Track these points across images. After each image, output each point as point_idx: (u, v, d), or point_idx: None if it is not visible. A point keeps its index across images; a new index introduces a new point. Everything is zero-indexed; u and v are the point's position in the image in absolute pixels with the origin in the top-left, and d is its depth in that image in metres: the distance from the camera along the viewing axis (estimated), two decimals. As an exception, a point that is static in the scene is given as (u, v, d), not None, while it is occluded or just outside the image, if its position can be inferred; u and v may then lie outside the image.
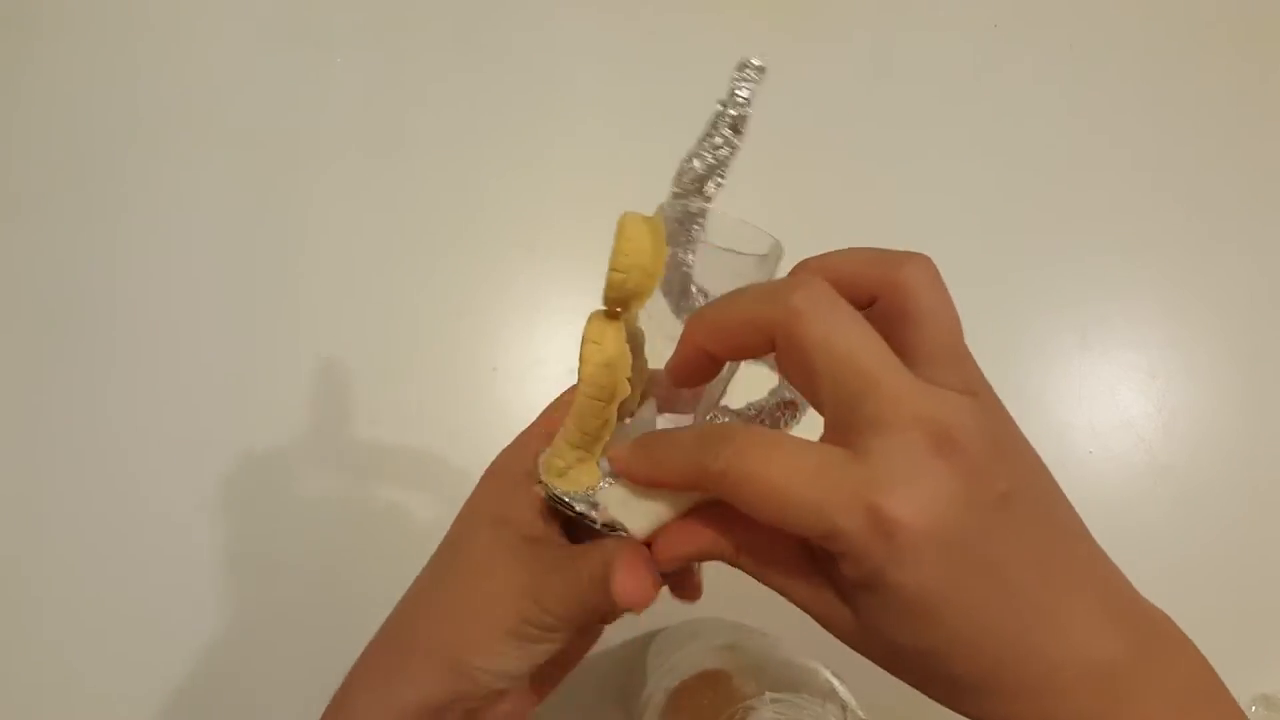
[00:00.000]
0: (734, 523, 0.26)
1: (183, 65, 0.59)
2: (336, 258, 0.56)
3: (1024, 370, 0.54)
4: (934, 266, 0.25)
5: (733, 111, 0.29)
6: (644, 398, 0.29)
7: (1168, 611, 0.27)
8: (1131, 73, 0.60)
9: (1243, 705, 0.49)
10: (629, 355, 0.27)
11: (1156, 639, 0.25)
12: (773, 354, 0.25)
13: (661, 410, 0.30)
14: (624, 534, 0.28)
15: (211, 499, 0.52)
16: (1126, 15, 0.60)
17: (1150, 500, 0.52)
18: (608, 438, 0.27)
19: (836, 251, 0.26)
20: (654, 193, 0.34)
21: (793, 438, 0.23)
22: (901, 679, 0.25)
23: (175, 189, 0.57)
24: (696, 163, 0.28)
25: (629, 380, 0.27)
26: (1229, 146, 0.58)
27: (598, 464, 0.28)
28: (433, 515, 0.51)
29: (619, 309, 0.27)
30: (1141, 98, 0.59)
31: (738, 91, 0.28)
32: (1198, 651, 0.25)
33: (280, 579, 0.51)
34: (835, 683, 0.39)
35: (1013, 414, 0.26)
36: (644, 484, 0.27)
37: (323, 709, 0.33)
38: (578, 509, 0.28)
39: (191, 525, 0.51)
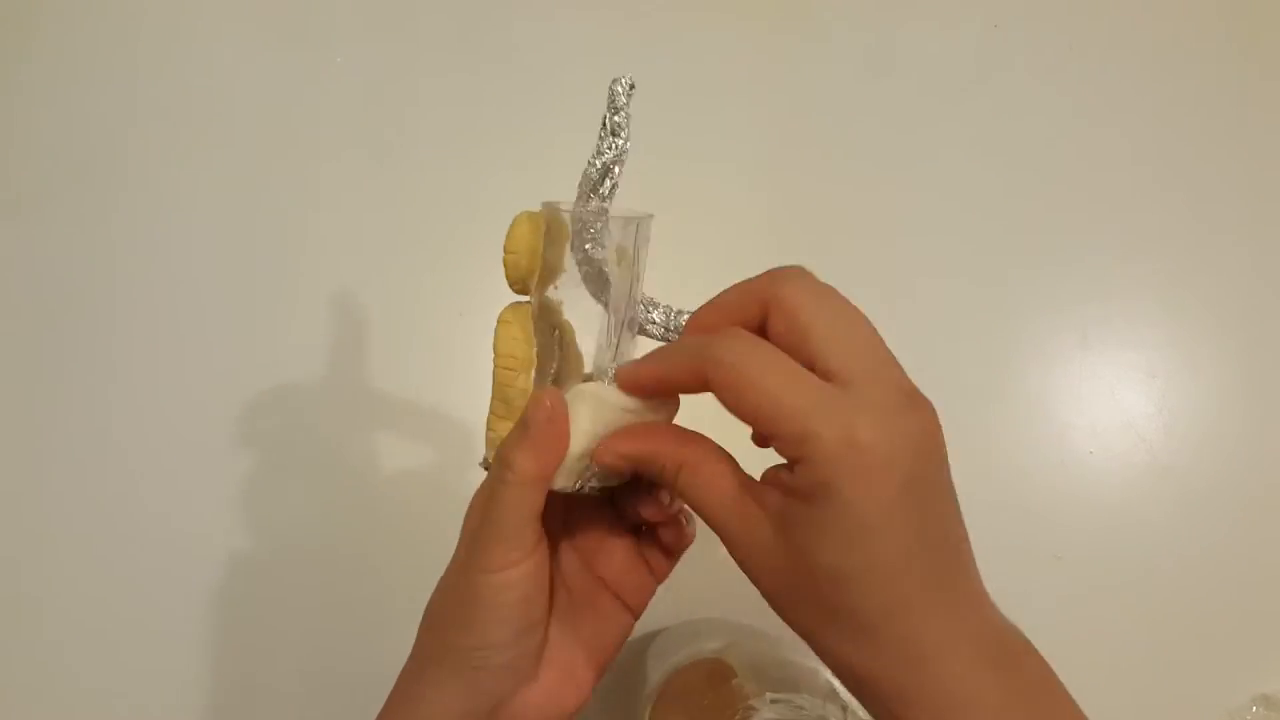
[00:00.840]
0: (682, 442, 0.29)
1: (182, 65, 0.59)
2: (336, 256, 0.56)
3: (1024, 370, 0.54)
4: (809, 274, 0.28)
5: (615, 119, 0.32)
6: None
7: (1169, 609, 0.28)
8: (1131, 73, 0.60)
9: (1242, 705, 0.49)
10: (530, 329, 0.31)
11: (1018, 651, 0.27)
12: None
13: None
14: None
15: (210, 497, 0.52)
16: (1126, 15, 0.60)
17: (1150, 500, 0.52)
18: (524, 406, 0.31)
19: (719, 295, 0.29)
20: (653, 192, 0.34)
21: (788, 358, 0.26)
22: (788, 613, 0.26)
23: (175, 188, 0.57)
24: (590, 170, 0.32)
25: (536, 351, 0.31)
26: (1229, 146, 0.58)
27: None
28: (432, 514, 0.51)
29: (523, 293, 0.32)
30: (1141, 98, 0.59)
31: (615, 101, 0.33)
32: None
33: (279, 577, 0.51)
34: (835, 683, 0.39)
35: (1013, 414, 0.27)
36: (650, 387, 0.29)
37: (321, 702, 0.33)
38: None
39: (189, 522, 0.51)
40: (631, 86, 0.32)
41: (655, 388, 0.30)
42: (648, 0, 0.60)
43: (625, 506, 0.34)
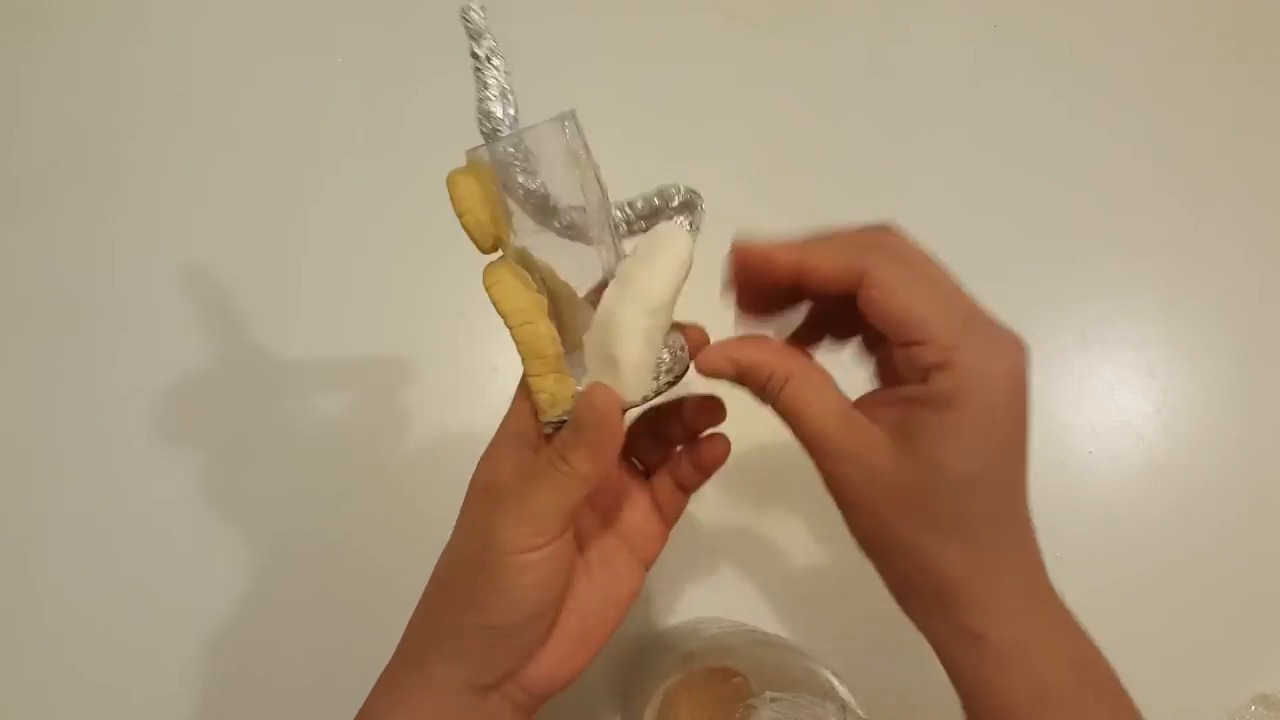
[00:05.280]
0: (790, 353, 0.30)
1: (183, 65, 0.59)
2: (336, 256, 0.56)
3: (1024, 370, 0.54)
4: (902, 232, 0.31)
5: (483, 47, 0.30)
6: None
7: (1168, 609, 0.29)
8: (1131, 73, 0.60)
9: (1242, 705, 0.49)
10: (526, 276, 0.30)
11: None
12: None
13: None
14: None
15: (211, 495, 0.52)
16: (1126, 15, 0.60)
17: (1149, 500, 0.52)
18: (559, 351, 0.30)
19: (816, 246, 0.30)
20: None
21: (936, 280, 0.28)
22: (890, 523, 0.28)
23: (175, 188, 0.57)
24: (485, 104, 0.31)
25: (542, 293, 0.30)
26: (1228, 146, 0.58)
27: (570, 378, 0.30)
28: (432, 514, 0.51)
29: (495, 249, 0.30)
30: (1141, 98, 0.59)
31: (473, 28, 0.30)
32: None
33: (279, 574, 0.51)
34: (835, 682, 0.39)
35: None
36: (784, 274, 0.29)
37: (325, 702, 0.33)
38: None
39: (191, 521, 0.52)
40: (482, 6, 0.29)
41: (789, 274, 0.29)
42: (648, 1, 0.60)
43: (671, 424, 0.34)
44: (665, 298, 0.29)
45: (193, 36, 0.60)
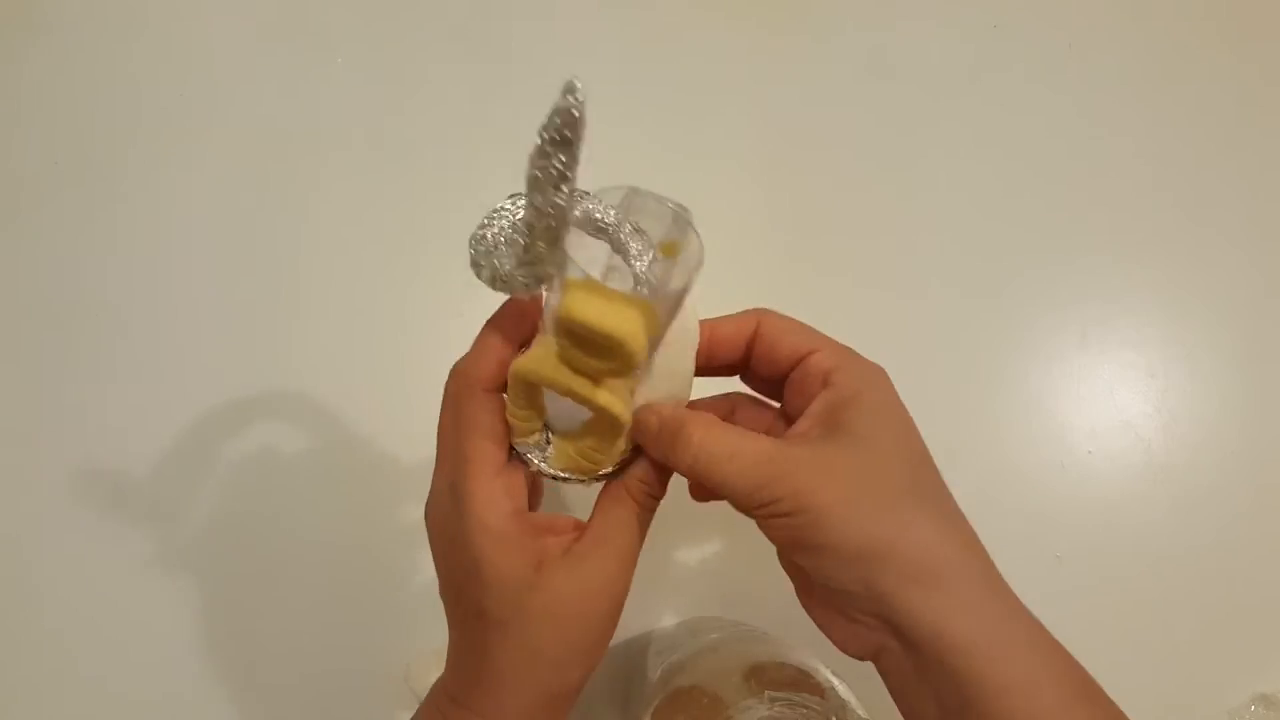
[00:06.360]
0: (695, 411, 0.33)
1: (183, 65, 0.59)
2: (336, 256, 0.56)
3: (1023, 370, 0.54)
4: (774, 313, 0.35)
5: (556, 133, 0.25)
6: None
7: (1168, 609, 0.28)
8: (1131, 73, 0.60)
9: (1242, 704, 0.49)
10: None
11: None
12: None
13: None
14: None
15: (211, 496, 0.52)
16: (1126, 15, 0.60)
17: (1149, 500, 0.52)
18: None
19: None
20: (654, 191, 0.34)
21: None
22: (846, 504, 0.29)
23: (175, 188, 0.57)
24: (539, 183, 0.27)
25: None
26: (1228, 146, 0.58)
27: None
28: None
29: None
30: (1141, 98, 0.59)
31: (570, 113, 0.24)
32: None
33: (278, 577, 0.51)
34: (835, 681, 0.39)
35: (1011, 413, 0.28)
36: (723, 342, 0.35)
37: (325, 703, 0.32)
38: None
39: (192, 521, 0.52)
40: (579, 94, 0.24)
41: (703, 348, 0.34)
42: (649, 1, 0.60)
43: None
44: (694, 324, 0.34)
45: (193, 36, 0.60)
